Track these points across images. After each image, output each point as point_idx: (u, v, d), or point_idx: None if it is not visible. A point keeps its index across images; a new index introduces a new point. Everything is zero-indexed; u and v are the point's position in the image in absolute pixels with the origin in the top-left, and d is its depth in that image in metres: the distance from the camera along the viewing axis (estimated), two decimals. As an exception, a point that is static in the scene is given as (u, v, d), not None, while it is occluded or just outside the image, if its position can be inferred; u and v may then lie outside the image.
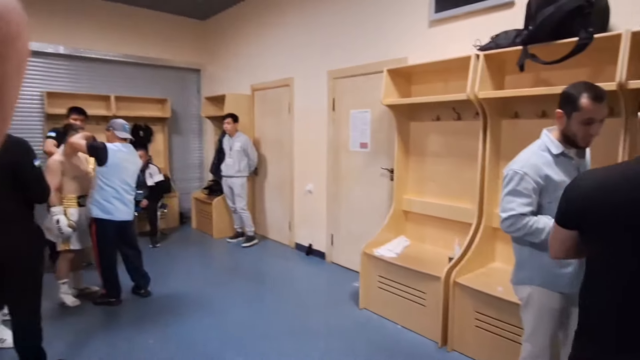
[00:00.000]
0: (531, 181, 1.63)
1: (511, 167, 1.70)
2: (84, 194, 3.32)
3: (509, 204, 1.68)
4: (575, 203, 1.15)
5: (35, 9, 5.02)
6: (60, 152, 3.27)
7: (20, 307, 2.17)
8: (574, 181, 1.21)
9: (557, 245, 1.27)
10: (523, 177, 1.64)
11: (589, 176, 1.18)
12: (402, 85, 3.38)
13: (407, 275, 2.94)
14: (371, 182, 3.92)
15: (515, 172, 1.67)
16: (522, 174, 1.64)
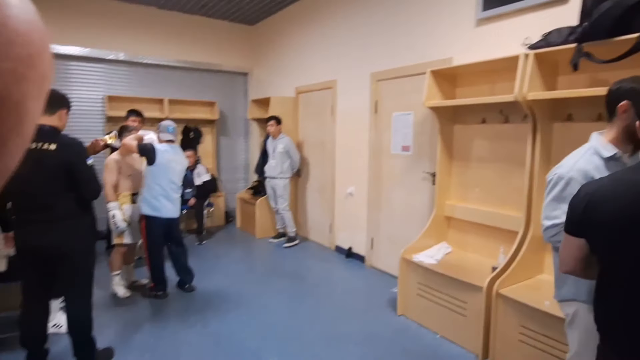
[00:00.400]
0: (578, 187, 1.51)
1: (555, 172, 1.58)
2: (138, 191, 3.53)
3: (553, 211, 1.56)
4: (580, 209, 1.18)
5: (99, 20, 5.40)
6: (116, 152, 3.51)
7: (73, 297, 2.34)
8: (580, 188, 1.23)
9: (566, 255, 1.26)
10: (569, 182, 1.52)
11: (595, 183, 1.23)
12: (446, 87, 3.27)
13: (447, 284, 2.84)
14: (412, 186, 3.84)
15: (560, 176, 1.55)
16: (568, 178, 1.52)
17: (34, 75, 0.29)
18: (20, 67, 0.28)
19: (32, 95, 0.30)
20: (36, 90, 0.30)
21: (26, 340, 2.31)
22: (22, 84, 0.28)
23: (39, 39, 0.29)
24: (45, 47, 0.30)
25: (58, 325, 2.79)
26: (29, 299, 2.30)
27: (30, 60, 0.28)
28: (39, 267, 2.25)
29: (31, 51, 0.28)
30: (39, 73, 0.30)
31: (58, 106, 2.22)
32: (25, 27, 0.28)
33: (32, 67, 0.29)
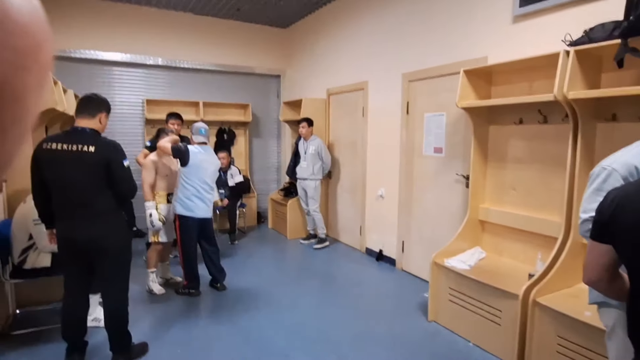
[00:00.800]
0: (620, 179, 1.39)
1: (599, 164, 1.50)
2: (173, 191, 3.64)
3: (591, 203, 1.45)
4: (607, 213, 1.14)
5: (140, 27, 5.63)
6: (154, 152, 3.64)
7: (109, 292, 2.44)
8: (608, 192, 1.20)
9: (592, 262, 1.19)
10: (611, 173, 1.41)
11: (624, 187, 1.19)
12: (480, 87, 3.17)
13: (480, 290, 2.75)
14: (445, 188, 3.74)
15: (602, 168, 1.45)
16: (610, 170, 1.41)
17: (35, 66, 0.29)
18: (20, 58, 0.28)
19: (32, 86, 0.30)
20: (37, 81, 0.30)
21: (67, 333, 2.43)
22: (23, 74, 0.28)
23: (40, 30, 0.29)
24: (46, 39, 0.30)
25: (97, 319, 2.92)
26: (69, 292, 2.42)
27: (31, 51, 0.29)
28: (79, 261, 2.37)
29: (32, 42, 0.29)
30: (39, 64, 0.30)
31: (98, 110, 2.33)
32: (26, 19, 0.28)
33: (33, 58, 0.29)
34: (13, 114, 0.29)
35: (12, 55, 0.27)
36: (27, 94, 0.29)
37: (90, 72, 5.52)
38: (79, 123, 2.29)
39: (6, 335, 2.80)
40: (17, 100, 0.29)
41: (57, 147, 2.21)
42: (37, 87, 0.30)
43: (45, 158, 2.22)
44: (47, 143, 2.23)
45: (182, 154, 3.38)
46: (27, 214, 2.78)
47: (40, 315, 3.09)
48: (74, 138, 2.24)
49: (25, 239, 2.80)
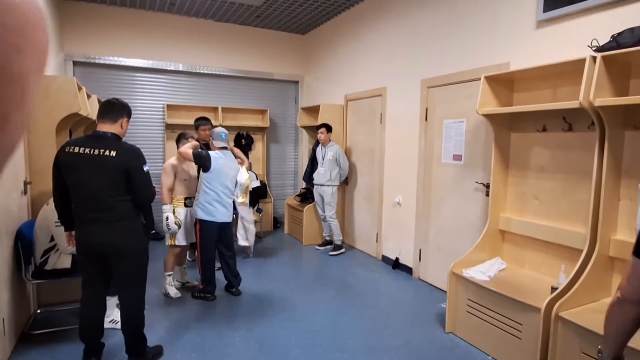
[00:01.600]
0: None
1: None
2: (191, 195, 3.68)
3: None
4: None
5: (162, 33, 5.75)
6: (174, 157, 3.68)
7: (126, 294, 2.46)
8: None
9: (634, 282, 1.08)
10: None
11: None
12: (502, 93, 3.10)
13: (500, 302, 2.66)
14: (464, 196, 3.67)
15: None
16: None
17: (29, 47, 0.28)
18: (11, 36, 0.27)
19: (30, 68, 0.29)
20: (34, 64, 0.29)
21: (84, 334, 2.46)
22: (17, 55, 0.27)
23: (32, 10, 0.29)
24: (38, 19, 0.29)
25: (114, 320, 2.96)
26: (87, 294, 2.45)
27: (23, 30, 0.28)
28: (97, 264, 2.40)
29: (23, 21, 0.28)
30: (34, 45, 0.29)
31: (120, 115, 2.37)
32: None
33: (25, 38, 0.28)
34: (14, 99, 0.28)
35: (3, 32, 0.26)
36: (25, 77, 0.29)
37: (113, 78, 5.65)
38: (101, 128, 2.33)
39: (27, 335, 2.85)
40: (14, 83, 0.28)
41: (79, 151, 2.25)
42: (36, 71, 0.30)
43: (67, 161, 2.27)
44: (70, 147, 2.27)
45: (203, 160, 3.41)
46: (49, 216, 2.85)
47: (60, 316, 3.15)
48: (96, 142, 2.28)
49: (47, 240, 2.86)
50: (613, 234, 2.47)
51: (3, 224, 2.61)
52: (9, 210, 2.75)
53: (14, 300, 2.74)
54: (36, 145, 3.20)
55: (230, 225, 3.72)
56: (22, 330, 2.88)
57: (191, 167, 3.70)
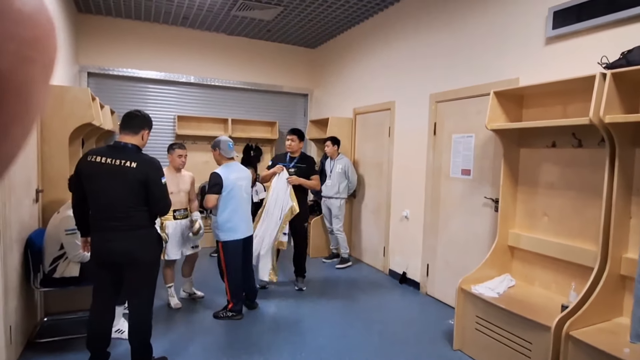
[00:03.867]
0: None
1: None
2: (181, 207, 3.56)
3: None
4: None
5: (174, 46, 5.86)
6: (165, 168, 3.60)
7: (135, 303, 2.47)
8: None
9: None
10: None
11: None
12: (511, 109, 3.10)
13: (510, 320, 2.62)
14: (472, 211, 3.64)
15: None
16: None
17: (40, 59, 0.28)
18: (25, 49, 0.27)
19: (37, 79, 0.29)
20: (42, 75, 0.29)
21: (92, 342, 2.46)
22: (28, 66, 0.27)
23: (44, 21, 0.29)
24: (51, 31, 0.29)
25: (120, 330, 2.96)
26: (98, 302, 2.46)
27: (36, 42, 0.28)
28: (110, 271, 2.43)
29: (37, 33, 0.28)
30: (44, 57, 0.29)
31: (141, 127, 2.42)
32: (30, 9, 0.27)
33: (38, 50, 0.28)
34: (18, 110, 0.28)
35: (17, 46, 0.26)
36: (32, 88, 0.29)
37: (126, 89, 5.75)
38: (122, 138, 2.37)
39: (34, 343, 2.86)
40: (21, 95, 0.28)
41: (100, 160, 2.29)
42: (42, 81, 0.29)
43: (88, 170, 2.31)
44: (92, 156, 2.32)
45: (219, 188, 3.28)
46: (59, 225, 2.88)
47: (66, 324, 3.16)
48: (117, 153, 2.32)
49: (56, 248, 2.89)
50: (624, 252, 2.43)
51: (14, 232, 2.65)
52: (21, 218, 2.79)
53: (22, 308, 2.76)
54: (49, 154, 3.26)
55: (252, 238, 3.64)
56: (29, 338, 2.89)
57: (182, 181, 3.58)
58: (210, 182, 3.35)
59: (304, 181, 4.06)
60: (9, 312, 2.48)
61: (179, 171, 3.58)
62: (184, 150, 3.58)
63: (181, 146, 3.60)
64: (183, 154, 3.56)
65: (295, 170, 4.12)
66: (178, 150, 3.54)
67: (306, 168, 4.16)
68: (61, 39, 4.23)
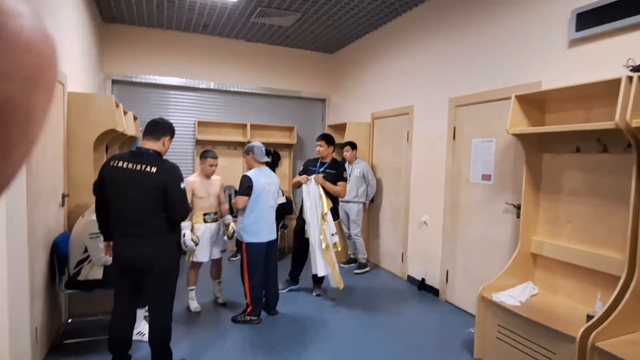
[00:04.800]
0: None
1: None
2: (210, 211, 3.67)
3: None
4: None
5: (195, 53, 5.97)
6: (196, 173, 3.72)
7: (155, 308, 2.51)
8: None
9: None
10: None
11: None
12: (533, 113, 3.04)
13: (532, 330, 2.56)
14: (493, 217, 3.58)
15: None
16: None
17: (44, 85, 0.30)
18: (32, 76, 0.28)
19: (40, 105, 0.30)
20: (45, 101, 0.30)
21: (113, 344, 2.52)
22: (33, 92, 0.28)
23: (49, 48, 0.30)
24: (54, 57, 0.31)
25: (141, 333, 3.01)
26: (118, 306, 2.52)
27: (41, 70, 0.29)
28: (131, 275, 2.48)
29: (42, 61, 0.29)
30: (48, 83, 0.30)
31: (163, 134, 2.48)
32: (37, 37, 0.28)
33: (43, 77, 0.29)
34: (19, 134, 0.29)
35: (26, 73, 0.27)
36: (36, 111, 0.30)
37: (148, 95, 5.89)
38: (144, 144, 2.43)
39: (58, 345, 2.94)
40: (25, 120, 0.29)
41: (122, 166, 2.35)
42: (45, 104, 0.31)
43: (110, 175, 2.37)
44: (114, 161, 2.38)
45: (249, 191, 3.35)
46: (84, 228, 2.96)
47: (89, 326, 3.23)
48: (138, 158, 2.38)
49: (80, 251, 2.97)
50: (654, 262, 2.34)
51: (41, 236, 2.73)
52: (47, 222, 2.88)
53: (47, 310, 2.84)
54: (75, 160, 3.36)
55: (275, 243, 3.66)
56: (54, 340, 2.97)
57: (211, 185, 3.67)
58: (242, 184, 3.42)
59: (329, 185, 4.06)
60: (35, 313, 2.55)
61: (208, 177, 3.66)
62: (215, 160, 3.65)
63: (214, 156, 3.66)
64: (214, 164, 3.65)
65: (324, 175, 4.16)
66: (210, 160, 3.62)
67: (335, 174, 4.17)
68: (89, 48, 4.36)
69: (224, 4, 4.75)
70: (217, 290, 3.93)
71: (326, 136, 4.26)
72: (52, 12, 2.99)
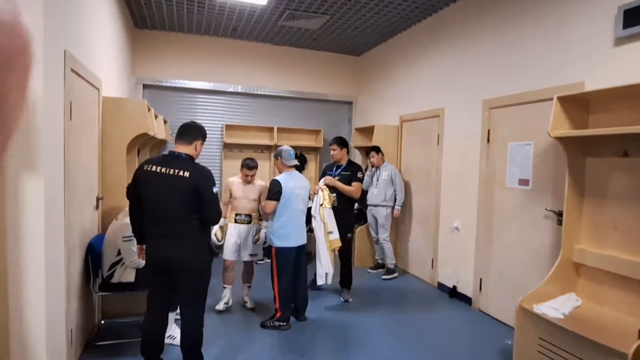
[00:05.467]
0: None
1: None
2: (242, 212, 3.71)
3: None
4: None
5: (222, 57, 6.03)
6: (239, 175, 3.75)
7: (187, 311, 2.51)
8: None
9: None
10: None
11: None
12: (576, 115, 2.89)
13: (578, 344, 2.41)
14: (531, 224, 3.42)
15: None
16: None
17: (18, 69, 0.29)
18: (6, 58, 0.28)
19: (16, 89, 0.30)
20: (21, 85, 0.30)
21: (146, 348, 2.52)
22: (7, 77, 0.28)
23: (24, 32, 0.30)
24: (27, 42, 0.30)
25: (172, 336, 3.02)
26: (152, 309, 2.53)
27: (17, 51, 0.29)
28: (164, 278, 2.48)
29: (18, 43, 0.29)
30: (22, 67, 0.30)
31: (195, 137, 2.49)
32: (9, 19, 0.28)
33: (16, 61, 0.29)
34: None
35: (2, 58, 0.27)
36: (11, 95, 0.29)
37: (177, 99, 5.98)
38: (177, 148, 2.44)
39: (92, 345, 2.98)
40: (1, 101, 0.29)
41: (155, 169, 2.36)
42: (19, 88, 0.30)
43: (144, 178, 2.39)
44: (148, 165, 2.40)
45: (278, 195, 3.33)
46: (117, 231, 2.99)
47: (122, 328, 3.27)
48: (171, 162, 2.39)
49: (114, 254, 3.00)
50: None
51: (77, 237, 2.78)
52: (83, 224, 2.93)
53: (82, 311, 2.88)
54: (109, 163, 3.42)
55: (304, 248, 3.62)
56: (87, 340, 3.01)
57: (250, 189, 3.71)
58: (271, 188, 3.41)
59: (340, 185, 3.99)
60: (70, 315, 2.59)
61: (247, 183, 3.71)
62: (250, 170, 3.64)
63: (249, 166, 3.64)
64: (249, 174, 3.65)
65: (340, 178, 4.09)
66: (245, 170, 3.65)
67: (349, 175, 4.11)
68: (122, 54, 4.46)
69: (253, 7, 4.77)
70: (246, 294, 3.92)
71: (338, 139, 4.24)
72: (89, 20, 3.06)
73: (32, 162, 2.09)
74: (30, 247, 2.11)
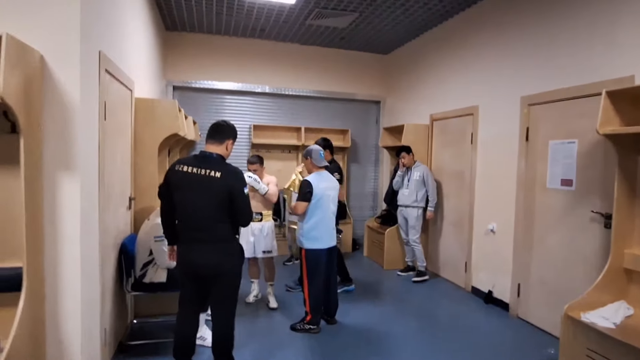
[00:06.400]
0: None
1: None
2: (259, 211, 3.73)
3: None
4: None
5: (250, 57, 6.04)
6: None
7: (219, 315, 2.48)
8: None
9: None
10: None
11: None
12: (626, 111, 2.69)
13: (632, 356, 2.24)
14: (576, 227, 3.23)
15: None
16: None
17: None
18: None
19: None
20: None
21: (178, 352, 2.50)
22: None
23: None
24: None
25: (202, 337, 3.00)
26: (184, 312, 2.51)
27: None
28: (196, 281, 2.46)
29: None
30: None
31: (226, 137, 2.46)
32: None
33: None
34: None
35: None
36: None
37: (206, 100, 6.03)
38: (208, 148, 2.42)
39: (125, 345, 3.00)
40: None
41: (187, 170, 2.34)
42: None
43: (176, 179, 2.37)
44: (179, 165, 2.38)
45: (309, 195, 3.28)
46: (149, 231, 3.01)
47: (153, 327, 3.29)
48: (203, 162, 2.36)
49: (146, 254, 3.02)
50: None
51: (111, 237, 2.80)
52: (117, 224, 2.95)
53: (115, 310, 2.90)
54: (141, 164, 3.44)
55: (336, 249, 3.56)
56: (120, 341, 3.03)
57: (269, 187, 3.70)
58: (301, 189, 3.35)
59: None
60: (104, 314, 2.61)
61: None
62: (252, 165, 3.75)
63: (250, 161, 3.78)
64: (251, 169, 3.72)
65: None
66: (247, 165, 3.78)
67: None
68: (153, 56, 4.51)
69: (282, 7, 4.74)
70: (269, 293, 3.90)
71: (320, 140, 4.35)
72: (122, 22, 3.08)
73: (69, 162, 2.11)
74: (66, 248, 2.12)
